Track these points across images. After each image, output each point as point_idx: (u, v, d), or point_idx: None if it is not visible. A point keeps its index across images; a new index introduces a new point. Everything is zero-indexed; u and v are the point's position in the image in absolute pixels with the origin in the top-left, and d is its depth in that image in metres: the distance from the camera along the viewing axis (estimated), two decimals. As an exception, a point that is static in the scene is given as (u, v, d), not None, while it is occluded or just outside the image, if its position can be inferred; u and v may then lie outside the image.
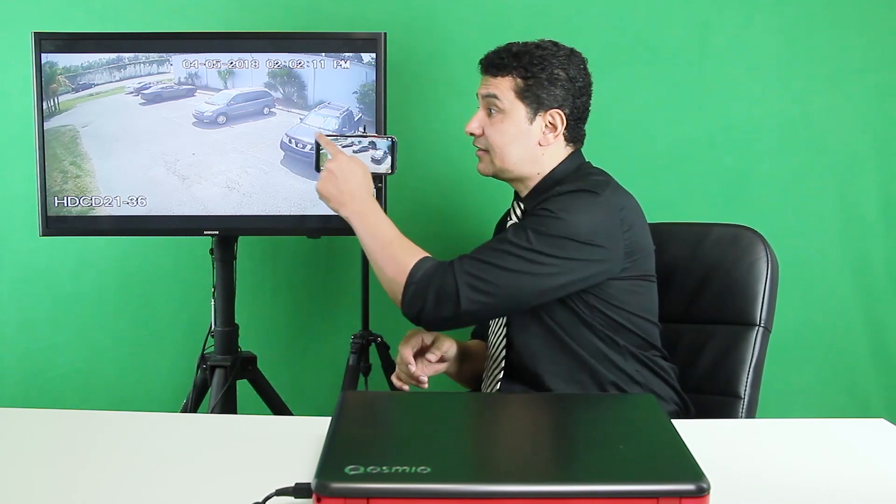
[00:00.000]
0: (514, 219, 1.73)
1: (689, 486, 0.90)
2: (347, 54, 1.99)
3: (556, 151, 1.69)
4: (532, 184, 1.70)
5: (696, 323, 1.78)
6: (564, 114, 1.67)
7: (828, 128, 2.25)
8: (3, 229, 2.36)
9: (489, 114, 1.68)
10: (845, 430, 1.31)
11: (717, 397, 1.70)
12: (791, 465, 1.14)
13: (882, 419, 1.33)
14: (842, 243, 2.27)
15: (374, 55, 1.98)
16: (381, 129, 1.99)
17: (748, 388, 1.69)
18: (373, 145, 1.79)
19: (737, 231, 1.77)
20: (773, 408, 2.24)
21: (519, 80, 1.66)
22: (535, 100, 1.66)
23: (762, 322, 1.71)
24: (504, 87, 1.66)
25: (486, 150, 1.70)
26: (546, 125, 1.67)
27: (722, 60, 2.25)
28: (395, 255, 1.58)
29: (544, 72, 1.66)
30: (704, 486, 0.90)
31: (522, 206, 1.72)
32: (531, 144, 1.68)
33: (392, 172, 1.81)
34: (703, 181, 2.25)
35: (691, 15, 2.24)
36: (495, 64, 1.67)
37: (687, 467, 0.94)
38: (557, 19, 2.24)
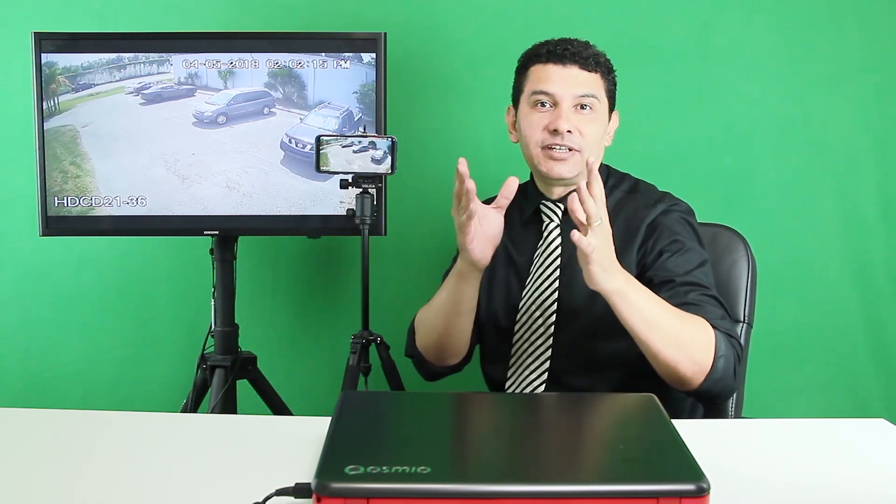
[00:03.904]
0: (556, 221, 1.67)
1: (689, 486, 0.90)
2: (347, 54, 1.99)
3: None
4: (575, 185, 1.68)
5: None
6: (618, 118, 1.71)
7: (828, 128, 2.25)
8: (3, 229, 2.36)
9: (577, 109, 1.61)
10: (845, 430, 1.31)
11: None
12: (791, 465, 1.14)
13: (882, 419, 1.33)
14: (842, 243, 2.27)
15: (374, 55, 1.99)
16: (381, 129, 1.99)
17: (736, 383, 1.71)
18: (373, 145, 1.79)
19: (716, 231, 1.78)
20: (773, 408, 2.25)
21: (604, 79, 1.65)
22: (611, 100, 1.67)
23: (746, 319, 1.74)
24: (598, 85, 1.63)
25: (578, 150, 1.61)
26: (608, 126, 1.69)
27: (722, 60, 2.25)
28: (688, 325, 1.44)
29: (612, 73, 1.68)
30: (704, 486, 0.90)
31: (563, 206, 1.66)
32: (604, 144, 1.69)
33: (392, 172, 1.81)
34: (702, 181, 2.25)
35: (691, 15, 2.24)
36: (585, 57, 1.62)
37: (687, 467, 0.94)
38: (557, 19, 2.24)
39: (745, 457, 1.18)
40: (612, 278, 1.38)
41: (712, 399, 1.50)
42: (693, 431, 1.11)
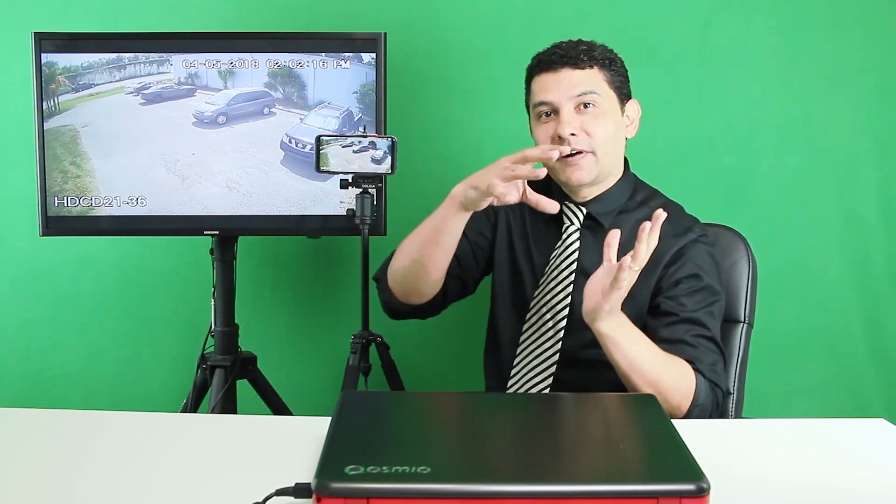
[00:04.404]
0: (576, 224, 1.64)
1: (689, 486, 0.90)
2: (347, 54, 1.99)
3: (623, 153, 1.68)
4: (603, 189, 1.64)
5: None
6: (638, 105, 1.67)
7: (828, 128, 2.25)
8: (3, 229, 2.36)
9: (579, 110, 1.58)
10: (845, 430, 1.31)
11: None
12: (791, 465, 1.14)
13: (882, 419, 1.33)
14: (842, 243, 2.27)
15: (374, 55, 1.98)
16: (381, 129, 1.98)
17: (736, 383, 1.71)
18: (373, 145, 1.79)
19: (716, 231, 1.78)
20: (773, 408, 2.25)
21: (603, 70, 1.60)
22: (620, 89, 1.63)
23: (746, 319, 1.74)
24: (597, 79, 1.59)
25: (591, 151, 1.57)
26: (627, 117, 1.65)
27: (722, 60, 2.25)
28: (672, 373, 1.45)
29: (616, 62, 1.64)
30: (704, 486, 0.90)
31: (585, 210, 1.64)
32: (623, 138, 1.65)
33: (392, 172, 1.81)
34: (702, 181, 2.25)
35: (691, 15, 2.24)
36: (574, 56, 1.58)
37: (687, 467, 0.94)
38: (557, 19, 2.24)
39: (745, 457, 1.18)
40: (610, 321, 1.39)
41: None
42: (693, 431, 1.11)
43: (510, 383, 1.66)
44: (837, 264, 2.28)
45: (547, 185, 1.65)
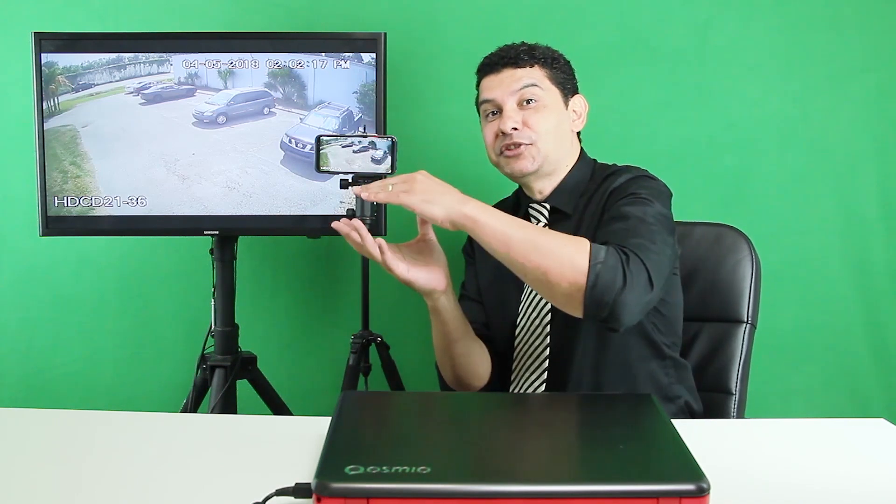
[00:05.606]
0: (543, 221, 1.66)
1: (689, 486, 0.90)
2: (347, 54, 1.99)
3: (577, 144, 1.70)
4: (558, 180, 1.66)
5: (684, 320, 1.78)
6: (585, 100, 1.69)
7: (828, 128, 2.25)
8: (3, 229, 2.36)
9: (522, 106, 1.62)
10: (845, 430, 1.31)
11: (708, 393, 1.72)
12: (791, 465, 1.14)
13: (882, 419, 1.34)
14: (842, 243, 2.27)
15: (374, 55, 1.99)
16: (381, 129, 1.99)
17: (738, 384, 1.71)
18: (373, 145, 1.79)
19: (720, 230, 1.78)
20: (774, 408, 2.25)
21: (545, 68, 1.65)
22: (563, 84, 1.66)
23: (749, 319, 1.74)
24: (538, 75, 1.63)
25: (531, 143, 1.60)
26: (573, 111, 1.68)
27: (722, 60, 2.25)
28: (553, 236, 1.38)
29: (559, 61, 1.67)
30: (704, 486, 0.90)
31: (548, 206, 1.66)
32: (568, 131, 1.67)
33: (392, 172, 1.81)
34: (702, 181, 2.25)
35: (691, 15, 2.24)
36: (514, 56, 1.64)
37: (687, 467, 0.94)
38: (557, 19, 2.24)
39: (745, 457, 1.18)
40: (450, 206, 1.37)
41: (611, 321, 1.36)
42: (693, 431, 1.11)
43: (511, 388, 1.68)
44: (838, 264, 2.28)
45: (516, 200, 1.74)
